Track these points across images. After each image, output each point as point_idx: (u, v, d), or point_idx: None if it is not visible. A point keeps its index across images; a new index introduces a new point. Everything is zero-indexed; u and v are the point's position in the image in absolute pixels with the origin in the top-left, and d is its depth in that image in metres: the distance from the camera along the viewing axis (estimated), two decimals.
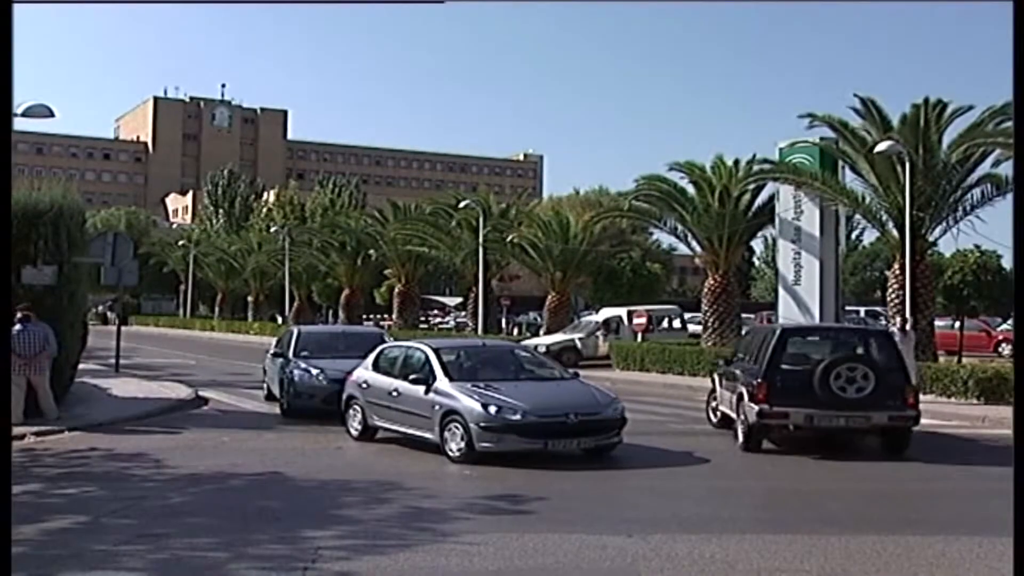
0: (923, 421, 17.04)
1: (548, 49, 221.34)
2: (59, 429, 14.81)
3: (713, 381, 16.39)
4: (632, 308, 33.80)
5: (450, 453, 12.18)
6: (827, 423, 13.14)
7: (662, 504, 9.85)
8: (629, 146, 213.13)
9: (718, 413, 15.83)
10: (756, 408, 13.09)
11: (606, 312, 34.51)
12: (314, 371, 16.80)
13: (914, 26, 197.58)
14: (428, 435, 12.67)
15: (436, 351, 13.40)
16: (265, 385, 19.67)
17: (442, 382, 12.70)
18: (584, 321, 34.58)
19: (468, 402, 12.15)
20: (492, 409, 11.96)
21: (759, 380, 13.27)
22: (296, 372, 17.06)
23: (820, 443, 13.62)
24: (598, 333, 32.08)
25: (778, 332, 13.92)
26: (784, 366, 13.38)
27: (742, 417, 13.58)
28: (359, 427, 14.16)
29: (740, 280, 52.31)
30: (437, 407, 12.49)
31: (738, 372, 14.38)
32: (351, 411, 14.38)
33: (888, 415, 13.11)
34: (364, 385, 14.15)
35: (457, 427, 12.13)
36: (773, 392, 13.09)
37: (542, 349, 29.74)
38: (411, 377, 13.06)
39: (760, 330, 15.94)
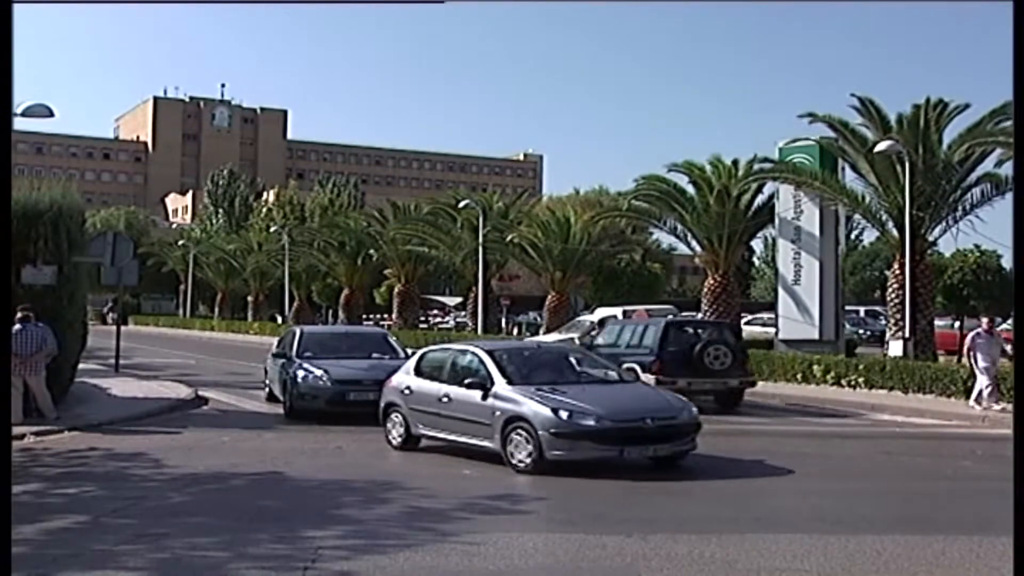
0: (923, 421, 17.19)
1: (548, 49, 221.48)
2: (59, 429, 14.80)
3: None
4: (629, 308, 33.63)
5: (515, 463, 11.31)
6: (700, 387, 18.12)
7: (662, 504, 9.84)
8: (629, 146, 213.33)
9: None
10: (653, 378, 17.62)
11: (602, 312, 34.31)
12: (318, 372, 16.50)
13: (914, 26, 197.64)
14: (486, 443, 11.85)
15: (490, 353, 12.54)
16: (266, 386, 19.32)
17: (502, 386, 11.83)
18: (580, 321, 34.36)
19: (536, 407, 11.29)
20: (564, 414, 11.12)
21: (654, 358, 18.49)
22: (299, 373, 16.72)
23: (819, 443, 13.60)
24: (594, 333, 32.00)
25: (663, 324, 20.05)
26: (670, 348, 18.83)
27: None
28: (401, 436, 13.25)
29: (740, 280, 52.29)
30: (498, 413, 11.64)
31: (621, 353, 18.75)
32: (392, 419, 13.46)
33: (739, 380, 18.95)
34: (407, 391, 13.22)
35: (523, 435, 11.26)
36: (664, 366, 18.34)
37: None
38: (466, 382, 12.16)
39: (639, 322, 22.65)
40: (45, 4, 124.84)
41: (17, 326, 14.95)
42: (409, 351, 18.52)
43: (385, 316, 58.27)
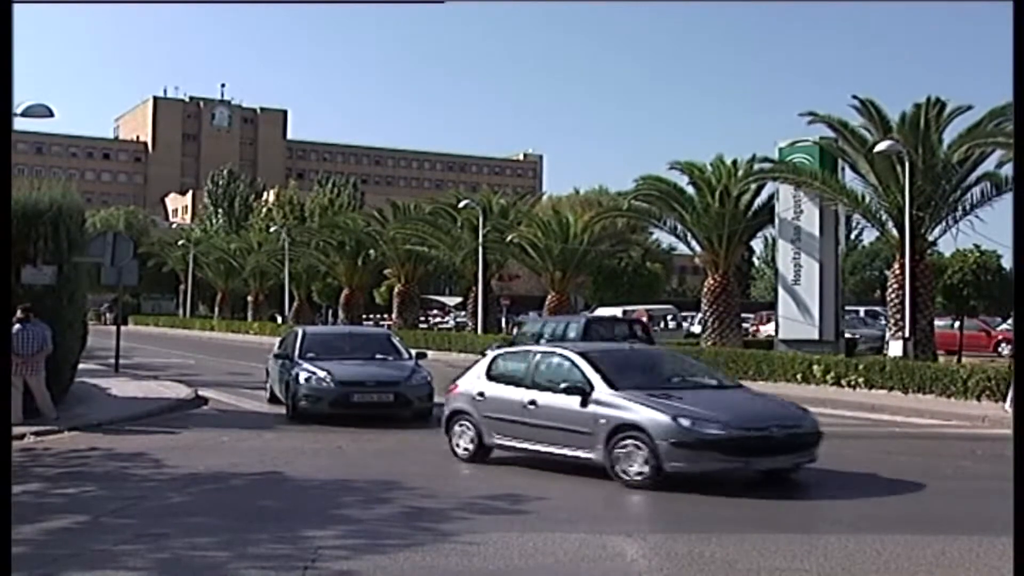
0: (923, 421, 17.17)
1: (548, 49, 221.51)
2: (59, 429, 14.80)
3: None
4: (628, 308, 33.69)
5: (625, 476, 10.26)
6: None
7: (662, 504, 9.84)
8: (629, 146, 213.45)
9: None
10: None
11: (601, 311, 34.33)
12: (321, 373, 16.17)
13: (914, 26, 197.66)
14: (585, 454, 10.80)
15: (585, 355, 11.55)
16: (268, 387, 18.99)
17: (604, 391, 10.77)
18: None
19: (652, 414, 10.23)
20: (685, 422, 10.05)
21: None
22: (302, 375, 16.37)
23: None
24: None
25: (584, 320, 24.27)
26: (591, 341, 20.86)
27: None
28: (471, 446, 12.17)
29: (740, 280, 52.29)
30: (602, 421, 10.58)
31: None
32: (459, 428, 12.37)
33: None
34: (479, 398, 12.16)
35: (636, 445, 10.20)
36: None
37: None
38: (562, 386, 11.11)
39: (560, 319, 26.62)
40: (45, 4, 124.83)
41: (17, 326, 14.94)
42: (414, 352, 18.50)
43: (385, 316, 58.29)
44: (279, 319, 58.10)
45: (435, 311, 69.95)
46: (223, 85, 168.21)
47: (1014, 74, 10.04)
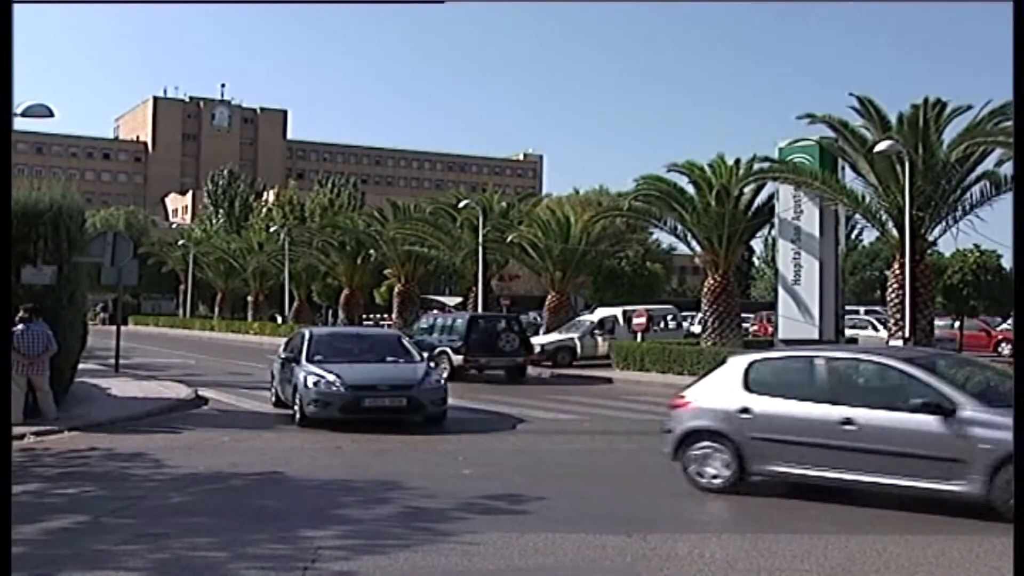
0: None
1: (548, 49, 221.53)
2: (59, 429, 14.80)
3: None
4: (628, 308, 33.69)
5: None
6: (496, 364, 26.09)
7: (662, 504, 9.84)
8: (629, 146, 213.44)
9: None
10: (461, 357, 25.53)
11: (602, 312, 34.40)
12: (330, 377, 15.53)
13: (914, 26, 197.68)
14: (947, 486, 9.03)
15: (924, 365, 9.60)
16: (273, 390, 18.41)
17: (975, 409, 8.93)
18: (580, 321, 34.40)
19: None
20: None
21: (463, 343, 25.75)
22: (310, 379, 15.68)
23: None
24: (594, 332, 31.88)
25: (469, 317, 27.78)
26: (474, 335, 25.85)
27: (448, 362, 24.95)
28: (726, 472, 10.20)
29: (740, 280, 52.32)
30: (984, 447, 8.73)
31: (435, 339, 26.28)
32: (705, 452, 10.35)
33: (524, 358, 26.57)
34: (744, 415, 10.10)
35: None
36: (470, 349, 25.67)
37: (537, 349, 29.63)
38: (913, 403, 9.17)
39: (448, 315, 31.27)
40: (45, 4, 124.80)
41: (21, 326, 14.94)
42: (425, 354, 18.12)
43: (385, 316, 58.27)
44: (279, 319, 58.08)
45: (435, 311, 69.88)
46: (223, 85, 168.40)
47: (1014, 74, 10.04)
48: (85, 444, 13.73)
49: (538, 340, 31.41)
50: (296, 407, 15.93)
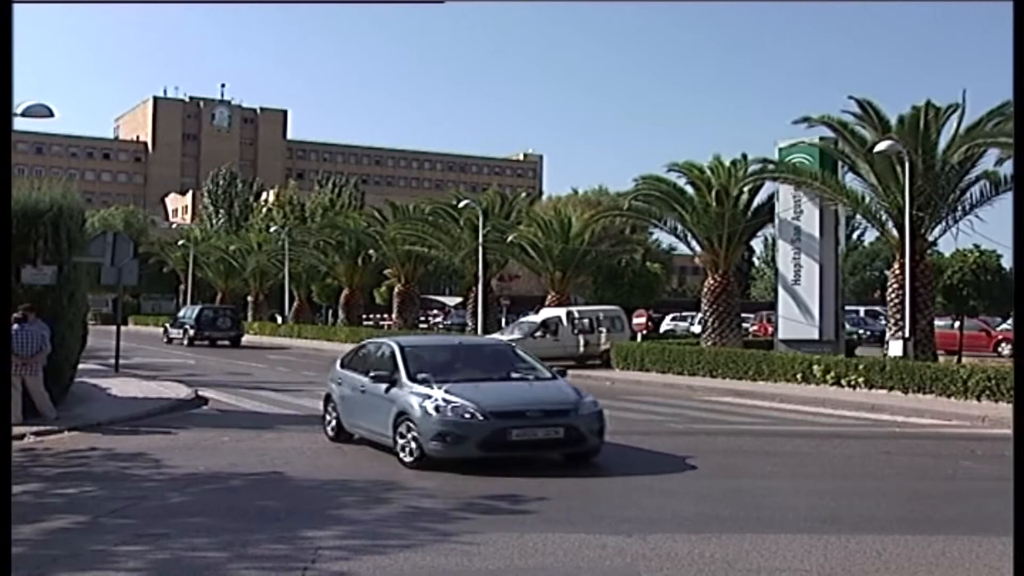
0: (924, 420, 17.16)
1: (548, 49, 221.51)
2: (59, 429, 14.80)
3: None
4: (573, 308, 32.22)
5: None
6: (217, 337, 44.09)
7: (662, 504, 9.83)
8: (629, 146, 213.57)
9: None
10: (194, 332, 43.16)
11: (545, 312, 32.83)
12: (459, 401, 11.59)
13: (914, 26, 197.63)
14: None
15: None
16: (331, 419, 14.17)
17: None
18: (523, 322, 32.60)
19: None
20: None
21: (195, 323, 44.38)
22: (428, 404, 11.70)
23: (818, 443, 13.60)
24: (536, 334, 29.66)
25: (199, 308, 46.38)
26: (202, 318, 44.60)
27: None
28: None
29: (740, 280, 52.30)
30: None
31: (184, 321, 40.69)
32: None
33: (236, 334, 44.20)
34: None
35: None
36: (199, 327, 44.36)
37: None
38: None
39: (186, 308, 49.01)
40: (45, 4, 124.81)
41: (15, 326, 14.91)
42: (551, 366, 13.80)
43: (385, 316, 58.28)
44: (279, 319, 58.11)
45: (435, 311, 69.91)
46: (223, 85, 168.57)
47: (1014, 74, 10.03)
48: (85, 444, 13.73)
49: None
50: (404, 443, 11.92)
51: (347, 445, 13.76)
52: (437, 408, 11.63)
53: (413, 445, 11.79)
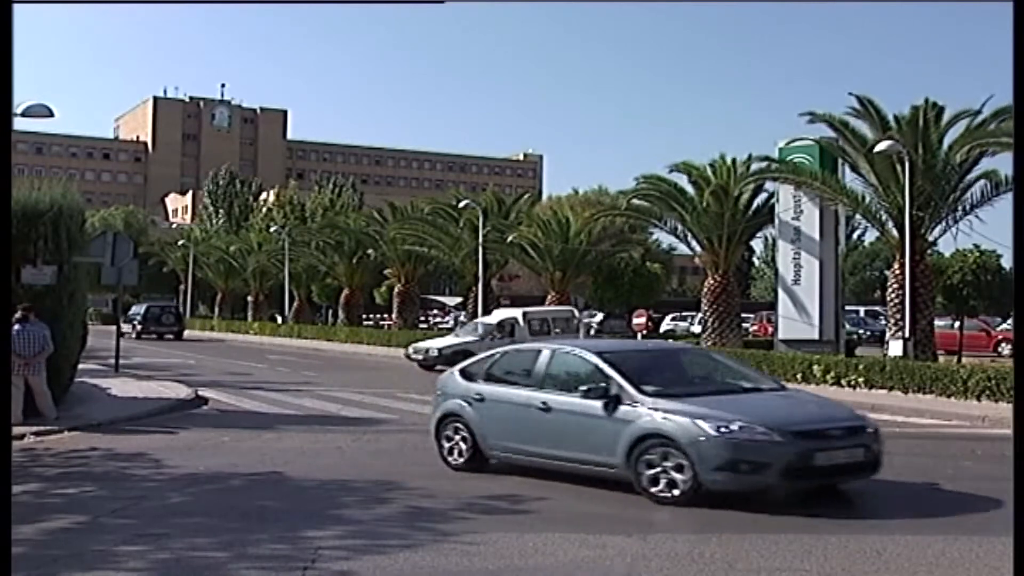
0: (923, 421, 17.16)
1: (548, 49, 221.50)
2: (59, 429, 14.80)
3: None
4: (529, 309, 31.70)
5: None
6: (162, 331, 49.28)
7: (662, 504, 9.82)
8: (629, 146, 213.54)
9: None
10: (141, 327, 47.93)
11: (500, 314, 31.73)
12: (747, 422, 9.45)
13: (914, 26, 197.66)
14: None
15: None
16: (459, 441, 11.52)
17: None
18: (477, 323, 31.75)
19: None
20: None
21: (142, 319, 48.39)
22: (707, 425, 9.43)
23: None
24: (492, 336, 28.67)
25: (147, 306, 50.36)
26: (148, 315, 49.64)
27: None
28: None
29: (740, 280, 52.29)
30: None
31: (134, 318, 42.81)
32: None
33: (178, 329, 49.82)
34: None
35: None
36: (145, 324, 48.94)
37: (434, 353, 27.91)
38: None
39: (136, 304, 51.62)
40: (45, 4, 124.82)
41: (17, 326, 14.92)
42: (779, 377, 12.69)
43: (385, 316, 58.28)
44: (279, 319, 58.11)
45: (435, 311, 69.91)
46: (223, 85, 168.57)
47: (1014, 74, 10.04)
48: (85, 444, 13.73)
49: (433, 344, 29.48)
50: (657, 474, 9.69)
51: (346, 445, 13.76)
52: (719, 429, 9.38)
53: (679, 476, 9.52)
